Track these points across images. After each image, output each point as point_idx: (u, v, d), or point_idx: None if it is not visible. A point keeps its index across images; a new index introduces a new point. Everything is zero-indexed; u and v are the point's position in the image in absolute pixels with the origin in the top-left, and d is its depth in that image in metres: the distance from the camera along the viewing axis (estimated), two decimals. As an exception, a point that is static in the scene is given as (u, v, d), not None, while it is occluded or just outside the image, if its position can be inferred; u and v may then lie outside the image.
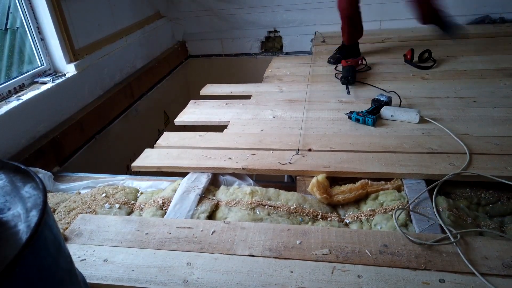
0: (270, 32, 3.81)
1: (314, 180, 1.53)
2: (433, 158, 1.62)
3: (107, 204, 1.59)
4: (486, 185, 1.51)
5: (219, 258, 1.21)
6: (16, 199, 0.66)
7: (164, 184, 1.75)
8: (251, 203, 1.49)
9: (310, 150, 1.77)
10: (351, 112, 2.01)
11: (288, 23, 3.71)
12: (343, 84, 2.47)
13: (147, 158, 1.85)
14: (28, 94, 2.07)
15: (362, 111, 2.00)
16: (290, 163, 1.68)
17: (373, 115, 1.95)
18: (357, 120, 1.98)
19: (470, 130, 1.81)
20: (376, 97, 2.08)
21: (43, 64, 2.32)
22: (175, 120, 2.29)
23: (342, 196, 1.50)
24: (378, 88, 2.34)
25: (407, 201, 1.43)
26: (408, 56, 2.73)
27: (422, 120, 1.92)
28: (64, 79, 2.29)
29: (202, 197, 1.57)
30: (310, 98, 2.34)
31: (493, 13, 3.34)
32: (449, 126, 1.86)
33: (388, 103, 2.05)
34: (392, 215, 1.39)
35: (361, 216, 1.42)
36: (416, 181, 1.53)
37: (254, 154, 1.77)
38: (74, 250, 1.29)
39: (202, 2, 3.74)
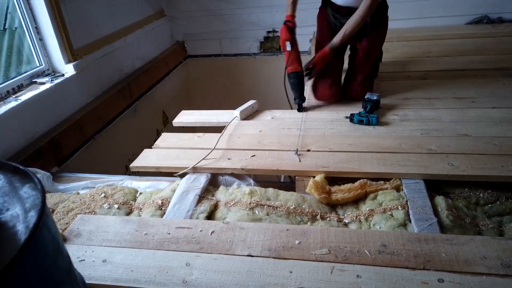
0: (269, 32, 3.81)
1: (311, 181, 1.53)
2: (432, 158, 1.62)
3: (106, 204, 1.59)
4: (484, 185, 1.51)
5: (218, 259, 1.21)
6: (14, 199, 0.66)
7: (163, 184, 1.75)
8: (250, 203, 1.49)
9: (309, 150, 1.77)
10: (352, 115, 1.99)
11: (287, 23, 3.71)
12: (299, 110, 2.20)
13: (146, 158, 1.85)
14: (27, 95, 2.06)
15: (360, 112, 1.99)
16: (295, 163, 1.68)
17: (373, 114, 1.96)
18: (360, 122, 1.95)
19: (469, 131, 1.81)
20: (367, 96, 2.06)
21: (42, 65, 2.32)
22: (173, 121, 2.28)
23: (341, 196, 1.50)
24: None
25: (406, 201, 1.44)
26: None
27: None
28: (62, 79, 2.28)
29: (201, 197, 1.57)
30: (309, 99, 2.34)
31: (491, 13, 3.35)
32: (448, 127, 1.87)
33: (379, 101, 2.05)
34: (391, 214, 1.39)
35: (360, 216, 1.42)
36: (415, 181, 1.53)
37: (254, 155, 1.77)
38: (73, 250, 1.29)
39: (201, 2, 3.74)
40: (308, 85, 2.36)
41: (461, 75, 2.47)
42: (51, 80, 2.23)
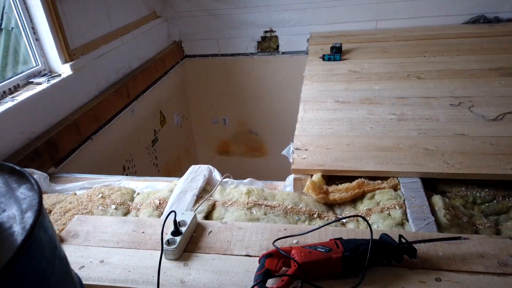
0: (266, 32, 3.81)
1: (308, 181, 1.53)
2: (428, 157, 1.63)
3: (103, 205, 1.58)
4: (481, 184, 1.51)
5: (216, 259, 1.21)
6: (11, 200, 0.66)
7: (160, 184, 1.74)
8: (247, 203, 1.49)
9: (306, 150, 1.77)
10: (324, 55, 2.93)
11: (284, 23, 3.71)
12: None
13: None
14: (23, 95, 2.05)
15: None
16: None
17: (338, 54, 2.90)
18: (330, 59, 2.90)
19: (466, 130, 1.82)
20: (333, 44, 2.95)
21: (38, 65, 2.31)
22: None
23: (338, 196, 1.51)
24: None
25: (404, 200, 1.44)
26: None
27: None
28: (59, 79, 2.28)
29: (198, 197, 1.57)
30: (306, 98, 2.34)
31: (488, 12, 3.36)
32: (445, 126, 1.87)
33: (340, 47, 2.95)
34: (388, 214, 1.40)
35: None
36: (412, 180, 1.53)
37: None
38: (70, 251, 1.28)
39: (198, 2, 3.74)
40: None
41: (458, 75, 2.48)
42: (48, 80, 2.22)
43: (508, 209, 1.43)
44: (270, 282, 1.06)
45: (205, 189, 1.64)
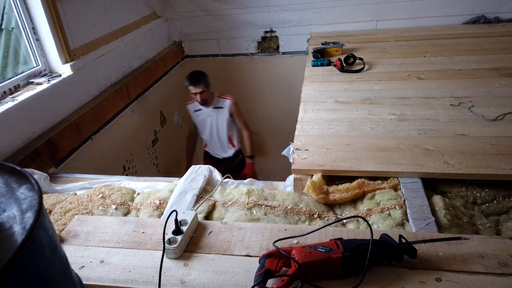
0: (266, 32, 3.81)
1: (309, 181, 1.53)
2: (428, 157, 1.63)
3: (103, 205, 1.58)
4: (482, 184, 1.51)
5: (216, 259, 1.21)
6: (11, 200, 0.66)
7: (161, 184, 1.74)
8: (247, 203, 1.49)
9: (306, 150, 1.77)
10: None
11: (285, 23, 3.71)
12: None
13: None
14: (24, 95, 2.06)
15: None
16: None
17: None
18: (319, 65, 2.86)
19: (467, 131, 1.82)
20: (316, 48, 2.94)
21: (39, 65, 2.31)
22: None
23: (339, 196, 1.51)
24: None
25: (404, 200, 1.44)
26: (339, 65, 2.72)
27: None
28: (59, 79, 2.28)
29: (199, 198, 1.57)
30: (306, 98, 2.34)
31: (488, 13, 3.36)
32: (446, 127, 1.87)
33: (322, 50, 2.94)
34: (389, 214, 1.40)
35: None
36: (413, 180, 1.53)
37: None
38: (71, 251, 1.28)
39: (198, 2, 3.74)
40: None
41: (458, 75, 2.48)
42: (48, 81, 2.22)
43: (508, 209, 1.43)
44: (270, 282, 1.06)
45: (206, 189, 1.64)
